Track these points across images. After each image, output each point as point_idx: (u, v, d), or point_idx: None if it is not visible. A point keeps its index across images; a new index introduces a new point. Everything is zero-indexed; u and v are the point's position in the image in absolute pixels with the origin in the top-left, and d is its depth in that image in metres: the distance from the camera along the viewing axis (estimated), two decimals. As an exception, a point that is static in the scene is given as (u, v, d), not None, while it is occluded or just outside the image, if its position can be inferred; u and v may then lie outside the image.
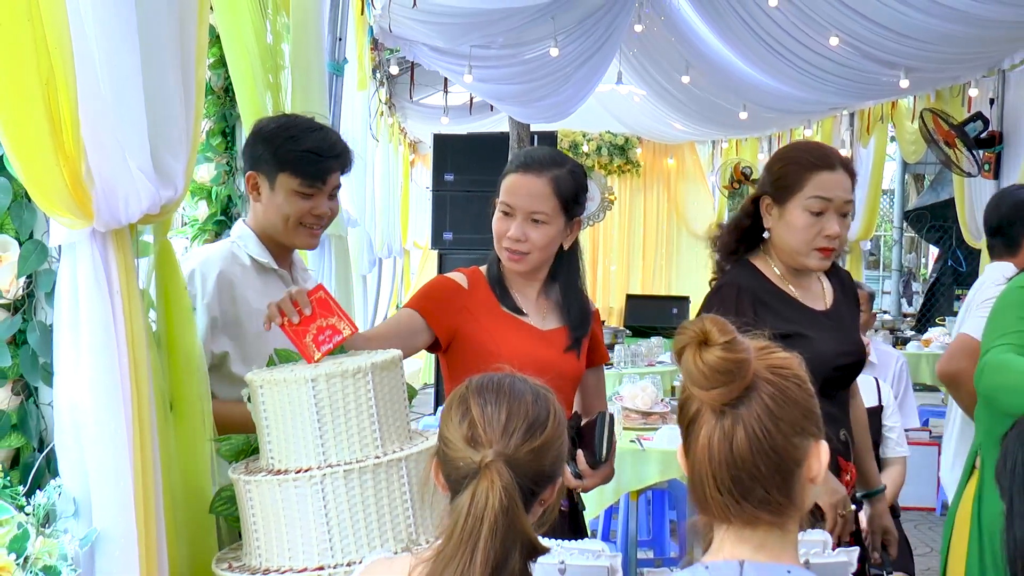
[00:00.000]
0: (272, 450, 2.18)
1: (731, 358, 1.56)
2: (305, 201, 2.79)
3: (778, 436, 1.55)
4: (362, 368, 2.16)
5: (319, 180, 2.79)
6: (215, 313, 2.73)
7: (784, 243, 2.87)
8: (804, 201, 2.80)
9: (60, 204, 1.87)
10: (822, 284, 2.99)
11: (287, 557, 2.12)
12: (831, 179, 2.82)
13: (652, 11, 8.30)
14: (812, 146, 2.99)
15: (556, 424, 1.77)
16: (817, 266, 2.88)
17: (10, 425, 2.07)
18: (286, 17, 3.62)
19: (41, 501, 1.95)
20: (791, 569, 1.56)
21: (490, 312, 2.82)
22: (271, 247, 2.87)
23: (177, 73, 2.13)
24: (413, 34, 7.07)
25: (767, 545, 1.57)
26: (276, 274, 2.88)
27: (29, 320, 2.09)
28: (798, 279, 2.92)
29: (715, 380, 1.56)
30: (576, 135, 13.80)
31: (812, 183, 2.80)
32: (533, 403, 1.75)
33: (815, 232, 2.81)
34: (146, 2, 2.01)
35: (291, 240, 2.86)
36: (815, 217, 2.80)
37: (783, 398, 1.57)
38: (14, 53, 1.76)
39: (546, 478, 1.76)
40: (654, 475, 4.77)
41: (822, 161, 2.83)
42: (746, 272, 2.92)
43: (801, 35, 7.22)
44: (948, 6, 5.77)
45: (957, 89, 7.64)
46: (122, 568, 1.97)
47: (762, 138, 12.08)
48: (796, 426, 1.57)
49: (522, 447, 1.70)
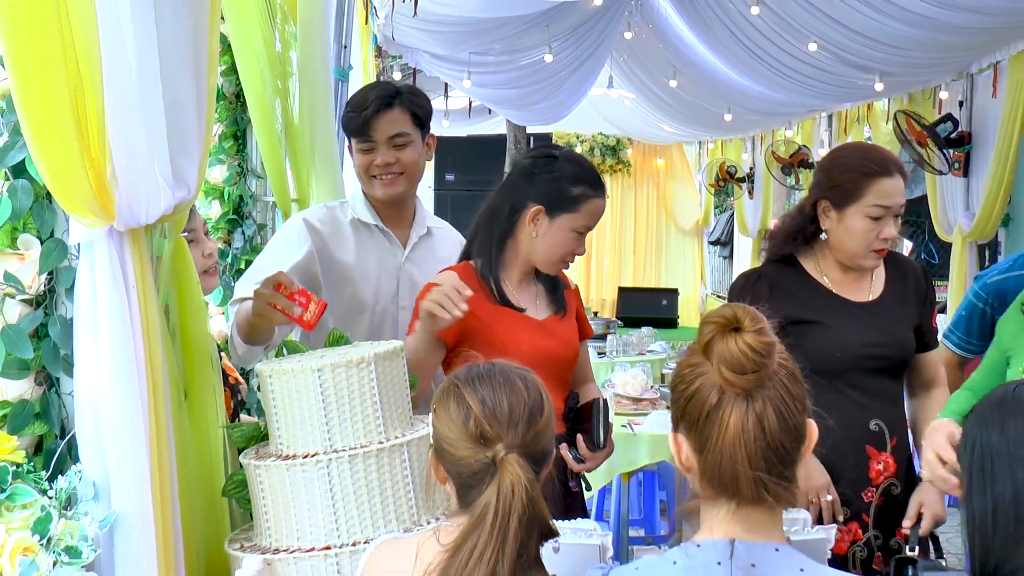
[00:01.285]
0: (281, 436, 2.18)
1: (766, 341, 1.54)
2: (366, 156, 2.89)
3: (796, 414, 1.56)
4: (366, 358, 2.16)
5: (363, 134, 2.87)
6: (310, 248, 2.87)
7: (842, 245, 2.83)
8: (865, 208, 2.76)
9: (83, 205, 1.87)
10: (871, 276, 2.91)
11: (295, 537, 2.12)
12: (890, 186, 2.76)
13: (641, 19, 8.28)
14: (870, 153, 2.87)
15: (549, 403, 1.77)
16: (873, 265, 2.85)
17: (33, 413, 2.07)
18: (294, 26, 3.62)
19: (63, 485, 1.95)
20: (779, 547, 1.56)
21: (490, 309, 2.75)
22: (379, 208, 2.98)
23: (191, 79, 2.12)
24: (415, 42, 7.05)
25: (757, 524, 1.57)
26: (380, 232, 2.98)
27: (51, 314, 2.09)
28: (844, 272, 2.88)
29: (753, 364, 1.53)
30: (570, 136, 13.78)
31: (873, 191, 2.75)
32: (525, 388, 1.74)
33: (873, 236, 2.77)
34: (164, 12, 2.01)
35: (373, 192, 2.95)
36: (874, 222, 2.76)
37: (793, 378, 1.58)
38: (44, 60, 1.76)
39: (547, 455, 1.76)
40: (644, 458, 4.77)
41: (882, 168, 2.77)
42: (777, 265, 2.91)
43: (782, 41, 7.21)
44: (920, 14, 5.75)
45: (928, 92, 7.62)
46: (140, 548, 1.97)
47: (746, 139, 12.05)
48: (804, 404, 1.58)
49: (528, 434, 1.70)
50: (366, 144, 2.87)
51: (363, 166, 2.90)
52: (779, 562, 1.54)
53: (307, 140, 3.59)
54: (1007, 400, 1.59)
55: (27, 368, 2.06)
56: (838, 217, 2.79)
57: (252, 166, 3.81)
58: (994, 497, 1.54)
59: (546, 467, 1.77)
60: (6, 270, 2.03)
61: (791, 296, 2.82)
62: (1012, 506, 1.52)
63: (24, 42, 1.75)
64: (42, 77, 1.78)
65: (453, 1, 5.96)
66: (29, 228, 2.05)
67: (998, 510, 1.53)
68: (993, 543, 1.53)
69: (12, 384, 2.05)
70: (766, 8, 6.70)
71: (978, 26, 5.85)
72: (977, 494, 1.56)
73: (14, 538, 1.82)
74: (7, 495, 1.86)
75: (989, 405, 1.62)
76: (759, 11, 6.69)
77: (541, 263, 2.80)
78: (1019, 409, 1.57)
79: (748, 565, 1.53)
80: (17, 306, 2.05)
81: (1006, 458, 1.55)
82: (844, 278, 2.88)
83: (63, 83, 1.79)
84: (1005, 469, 1.54)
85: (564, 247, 2.77)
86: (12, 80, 1.80)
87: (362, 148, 2.89)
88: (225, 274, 3.72)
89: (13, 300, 2.05)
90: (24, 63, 1.77)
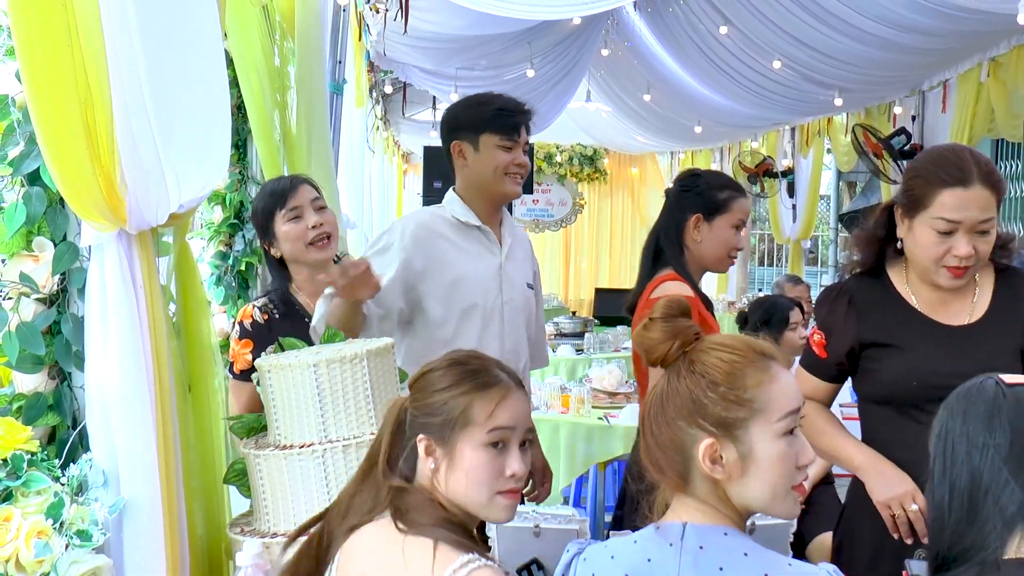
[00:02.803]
0: (279, 427, 2.18)
1: (667, 329, 1.58)
2: (507, 154, 2.86)
3: (666, 410, 1.57)
4: (359, 354, 2.16)
5: (514, 132, 2.87)
6: (410, 255, 2.82)
7: (913, 256, 2.33)
8: (930, 220, 2.25)
9: (94, 210, 1.87)
10: (973, 297, 2.35)
11: (293, 522, 2.11)
12: (963, 198, 2.21)
13: (617, 37, 8.31)
14: (946, 157, 2.30)
15: None
16: (947, 284, 2.28)
17: (47, 405, 2.07)
18: (292, 42, 3.62)
19: (75, 473, 1.95)
20: (728, 531, 1.57)
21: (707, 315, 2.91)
22: (476, 207, 2.94)
23: (198, 92, 2.13)
24: (405, 57, 7.05)
25: (705, 510, 1.58)
26: (479, 231, 2.94)
27: (63, 312, 2.09)
28: (936, 291, 2.34)
29: (649, 352, 1.59)
30: (550, 147, 13.79)
31: (938, 202, 2.23)
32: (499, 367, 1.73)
33: (943, 251, 2.24)
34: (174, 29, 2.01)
35: (502, 189, 2.90)
36: (942, 236, 2.24)
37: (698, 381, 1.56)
38: (57, 76, 1.77)
39: None
40: (619, 448, 4.78)
41: (952, 177, 2.23)
42: (865, 278, 2.43)
43: (748, 59, 7.25)
44: (876, 35, 5.80)
45: (884, 107, 7.69)
46: (147, 532, 1.97)
47: (714, 149, 12.10)
48: (685, 411, 1.56)
49: None
50: (510, 143, 2.86)
51: (503, 164, 2.86)
52: (726, 545, 1.55)
53: (304, 149, 3.59)
54: (972, 391, 1.61)
55: (41, 363, 2.05)
56: (909, 226, 2.31)
57: (252, 173, 3.80)
58: (952, 480, 1.56)
59: None
60: (21, 271, 2.03)
61: (871, 314, 2.37)
62: (967, 489, 1.54)
63: (38, 59, 1.76)
64: (55, 91, 1.79)
65: (441, 19, 5.96)
66: (43, 232, 2.05)
67: (955, 492, 1.55)
68: (949, 524, 1.55)
69: (27, 378, 2.05)
70: (734, 28, 6.74)
71: (929, 47, 5.91)
72: (939, 479, 1.57)
73: (29, 522, 1.82)
74: (22, 482, 1.86)
75: (957, 395, 1.63)
76: (727, 31, 6.73)
77: (711, 262, 3.00)
78: (981, 399, 1.59)
79: (696, 547, 1.55)
80: (32, 305, 2.05)
81: (965, 444, 1.56)
82: (935, 296, 2.35)
83: (74, 96, 1.79)
84: (964, 454, 1.56)
85: (727, 244, 2.98)
86: (27, 93, 1.81)
87: (505, 146, 2.86)
88: (226, 276, 3.72)
89: (28, 299, 2.04)
90: (38, 78, 1.78)
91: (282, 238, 2.75)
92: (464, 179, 2.95)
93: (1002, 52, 5.84)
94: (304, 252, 2.74)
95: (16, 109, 2.00)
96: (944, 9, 5.14)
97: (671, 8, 7.28)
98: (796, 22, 6.15)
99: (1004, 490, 1.50)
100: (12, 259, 2.04)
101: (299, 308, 2.76)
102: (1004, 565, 1.48)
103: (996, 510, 1.50)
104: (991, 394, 1.58)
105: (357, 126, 6.42)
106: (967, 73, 6.32)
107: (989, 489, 1.51)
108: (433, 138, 9.33)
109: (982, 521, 1.51)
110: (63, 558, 1.84)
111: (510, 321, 2.93)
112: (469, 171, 2.91)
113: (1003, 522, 1.49)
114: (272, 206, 2.76)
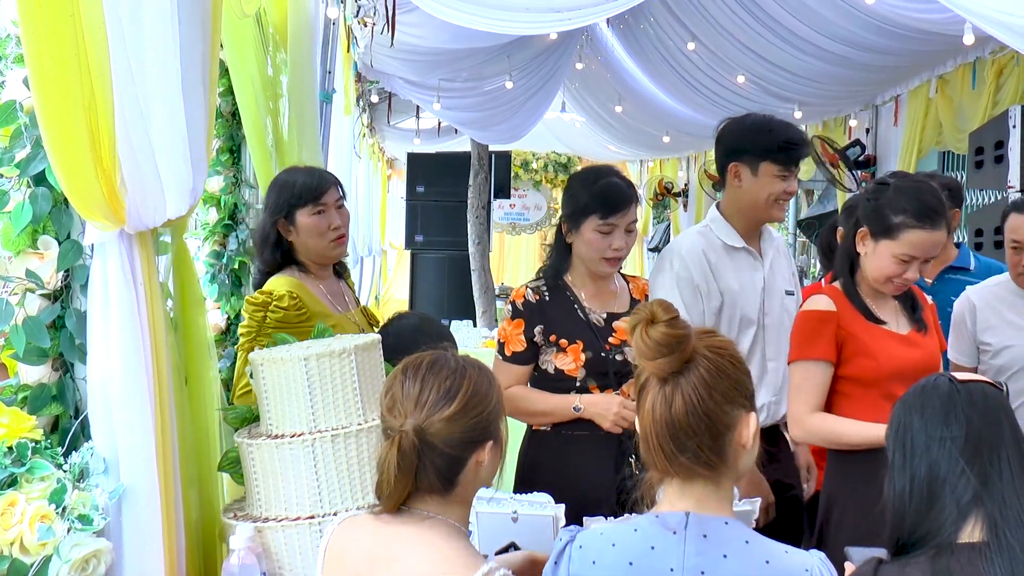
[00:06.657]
0: (270, 418, 2.18)
1: (672, 333, 1.56)
2: (784, 182, 2.85)
3: (710, 402, 1.56)
4: (347, 349, 2.16)
5: (793, 164, 2.86)
6: (698, 282, 2.83)
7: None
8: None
9: (96, 210, 1.87)
10: None
11: (283, 508, 2.12)
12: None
13: (591, 52, 8.32)
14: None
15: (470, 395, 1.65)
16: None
17: (51, 396, 2.06)
18: (284, 53, 3.61)
19: (76, 460, 1.94)
20: (728, 521, 1.58)
21: (862, 324, 2.58)
22: (740, 229, 2.92)
23: (196, 100, 2.12)
24: (391, 69, 7.03)
25: (705, 500, 1.59)
26: (745, 251, 2.92)
27: (67, 307, 2.08)
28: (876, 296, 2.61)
29: (659, 352, 1.56)
30: (527, 154, 13.81)
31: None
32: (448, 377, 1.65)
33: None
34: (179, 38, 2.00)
35: (768, 215, 2.90)
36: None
37: (717, 372, 1.58)
38: (61, 81, 1.76)
39: (461, 443, 1.64)
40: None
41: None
42: None
43: (714, 73, 7.28)
44: (833, 52, 5.84)
45: (840, 120, 7.74)
46: (145, 517, 1.97)
47: (681, 158, 12.14)
48: (727, 395, 1.58)
49: (433, 416, 1.61)
50: (787, 173, 2.85)
51: (776, 192, 2.85)
52: (727, 534, 1.56)
53: (295, 154, 3.59)
54: (927, 388, 1.64)
55: (45, 355, 2.05)
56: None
57: (246, 177, 3.79)
58: (911, 471, 1.58)
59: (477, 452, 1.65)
60: (27, 268, 2.02)
61: None
62: (926, 479, 1.56)
63: (45, 67, 1.76)
64: (61, 97, 1.78)
65: (425, 33, 5.95)
66: (48, 230, 2.04)
67: (914, 482, 1.57)
68: (908, 513, 1.57)
69: (32, 369, 2.04)
70: (701, 44, 6.77)
71: (882, 64, 5.96)
72: (898, 472, 1.60)
73: (33, 507, 1.82)
74: (27, 469, 1.85)
75: (913, 392, 1.66)
76: (695, 47, 6.76)
77: (871, 282, 2.60)
78: (937, 395, 1.62)
79: (700, 535, 1.55)
80: (37, 300, 2.04)
81: (923, 437, 1.59)
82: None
83: (79, 102, 1.79)
84: (922, 447, 1.58)
85: (886, 270, 2.54)
86: (35, 99, 1.80)
87: (782, 175, 2.84)
88: (220, 274, 3.70)
89: (33, 295, 2.03)
90: (45, 85, 1.77)
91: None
92: (734, 199, 2.92)
93: (949, 70, 5.91)
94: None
95: (24, 114, 1.99)
96: (896, 29, 5.20)
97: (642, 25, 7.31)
98: (759, 40, 6.19)
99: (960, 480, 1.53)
100: (19, 256, 2.03)
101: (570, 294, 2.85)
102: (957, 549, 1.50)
103: (952, 499, 1.53)
104: (946, 390, 1.61)
105: (345, 133, 6.41)
106: (917, 89, 6.38)
107: (946, 479, 1.54)
108: (416, 145, 9.32)
109: (939, 509, 1.53)
110: (65, 541, 1.83)
111: (775, 334, 2.89)
112: (742, 192, 2.89)
113: (958, 510, 1.52)
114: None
